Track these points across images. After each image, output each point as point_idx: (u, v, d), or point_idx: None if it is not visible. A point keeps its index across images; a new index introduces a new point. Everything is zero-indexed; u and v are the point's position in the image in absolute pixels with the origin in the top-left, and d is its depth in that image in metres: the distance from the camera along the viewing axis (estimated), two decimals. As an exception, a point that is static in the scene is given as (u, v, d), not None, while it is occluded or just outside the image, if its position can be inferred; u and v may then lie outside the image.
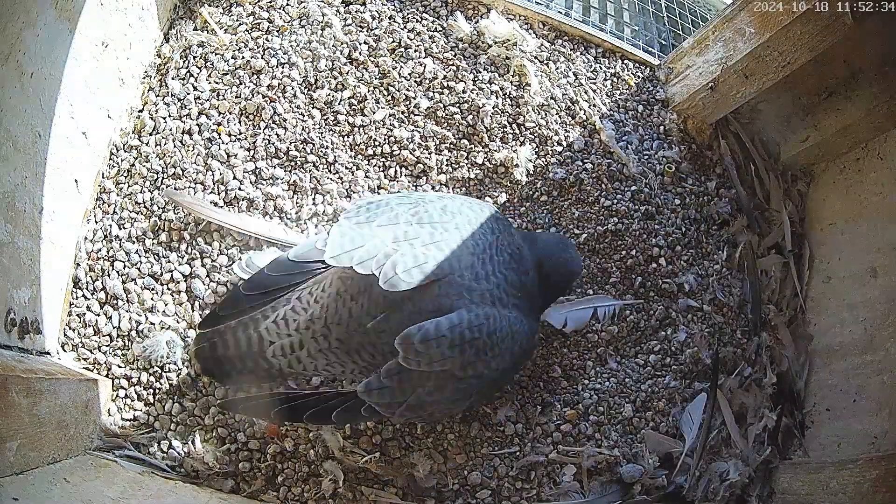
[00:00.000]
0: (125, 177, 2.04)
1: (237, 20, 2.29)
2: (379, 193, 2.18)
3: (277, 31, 2.28)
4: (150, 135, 2.09)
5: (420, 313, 1.55)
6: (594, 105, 2.46)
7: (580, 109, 2.42)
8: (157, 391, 1.86)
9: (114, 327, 1.89)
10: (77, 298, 1.90)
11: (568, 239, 2.11)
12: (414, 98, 2.28)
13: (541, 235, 2.11)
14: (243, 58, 2.21)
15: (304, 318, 1.65)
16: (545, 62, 2.48)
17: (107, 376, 1.84)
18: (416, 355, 1.51)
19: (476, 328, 1.55)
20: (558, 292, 1.97)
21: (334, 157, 2.17)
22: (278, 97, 2.18)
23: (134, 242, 1.98)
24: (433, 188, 2.24)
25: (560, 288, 1.93)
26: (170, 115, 2.13)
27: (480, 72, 2.37)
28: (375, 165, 2.20)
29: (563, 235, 2.24)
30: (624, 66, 2.58)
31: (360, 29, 2.35)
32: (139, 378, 1.86)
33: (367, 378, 1.58)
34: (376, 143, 2.22)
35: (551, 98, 2.40)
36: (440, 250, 1.58)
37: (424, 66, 2.31)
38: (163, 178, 2.04)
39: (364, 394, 1.56)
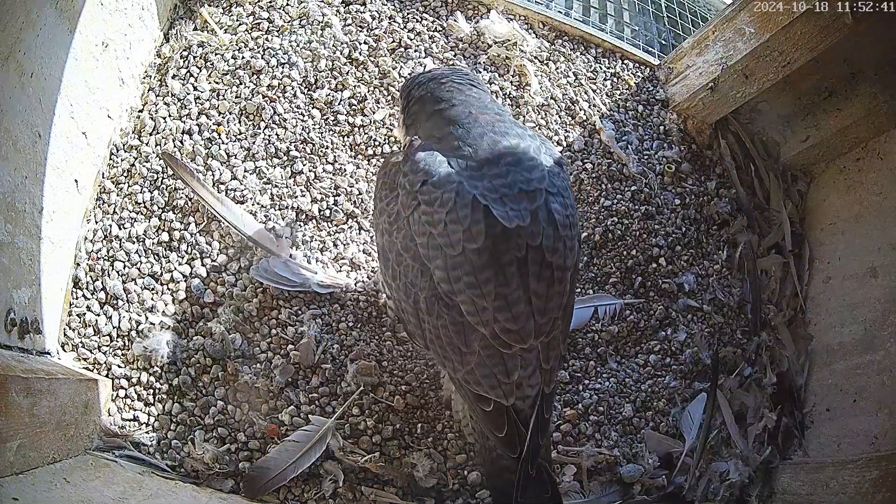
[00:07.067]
0: (125, 177, 2.04)
1: (237, 20, 2.29)
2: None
3: (277, 31, 2.28)
4: (150, 135, 2.09)
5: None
6: (594, 105, 2.46)
7: (580, 109, 2.42)
8: (157, 391, 1.86)
9: (114, 327, 1.89)
10: (77, 298, 1.90)
11: None
12: (414, 98, 2.27)
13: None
14: (243, 58, 2.21)
15: None
16: (545, 62, 2.48)
17: (107, 376, 1.84)
18: None
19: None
20: None
21: (334, 156, 2.17)
22: (278, 97, 2.18)
23: (134, 242, 1.97)
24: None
25: None
26: (170, 115, 2.12)
27: (480, 72, 2.37)
28: (375, 165, 2.20)
29: None
30: (624, 66, 2.58)
31: (360, 29, 2.35)
32: (139, 378, 1.86)
33: None
34: (376, 143, 2.22)
35: (551, 98, 2.40)
36: None
37: (424, 66, 2.31)
38: (163, 178, 2.04)
39: None
